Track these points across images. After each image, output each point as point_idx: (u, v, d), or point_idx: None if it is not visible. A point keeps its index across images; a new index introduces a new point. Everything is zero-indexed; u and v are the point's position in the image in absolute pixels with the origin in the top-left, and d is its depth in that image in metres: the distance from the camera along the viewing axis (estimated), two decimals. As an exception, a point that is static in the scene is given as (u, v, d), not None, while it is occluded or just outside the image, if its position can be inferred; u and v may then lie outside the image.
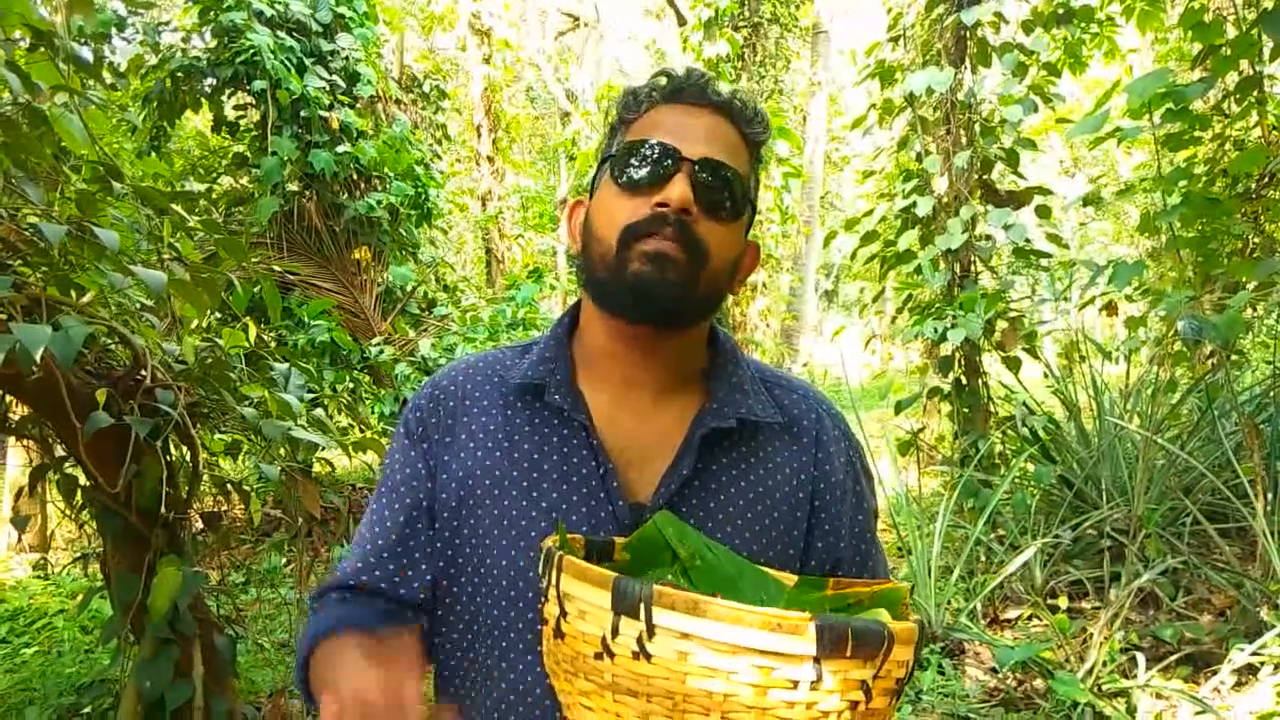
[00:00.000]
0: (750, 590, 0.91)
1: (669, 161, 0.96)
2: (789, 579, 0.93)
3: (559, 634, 0.76)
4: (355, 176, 6.33)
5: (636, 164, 0.97)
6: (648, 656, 0.68)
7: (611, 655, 0.70)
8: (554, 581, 0.76)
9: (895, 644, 0.68)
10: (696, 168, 0.96)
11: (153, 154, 6.07)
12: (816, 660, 0.66)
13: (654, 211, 0.94)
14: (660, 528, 0.92)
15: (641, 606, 0.68)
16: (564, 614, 0.75)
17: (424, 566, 1.04)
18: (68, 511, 2.46)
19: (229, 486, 2.64)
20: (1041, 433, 5.03)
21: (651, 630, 0.68)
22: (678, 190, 0.94)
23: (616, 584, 0.69)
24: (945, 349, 5.23)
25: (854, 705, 0.69)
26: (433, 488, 1.04)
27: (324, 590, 1.07)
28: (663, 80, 1.03)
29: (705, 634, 0.66)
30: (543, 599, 0.79)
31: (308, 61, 5.93)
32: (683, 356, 1.05)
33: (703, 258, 0.95)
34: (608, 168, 1.01)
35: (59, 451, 2.43)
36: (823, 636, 0.66)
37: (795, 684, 0.67)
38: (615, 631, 0.70)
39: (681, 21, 7.39)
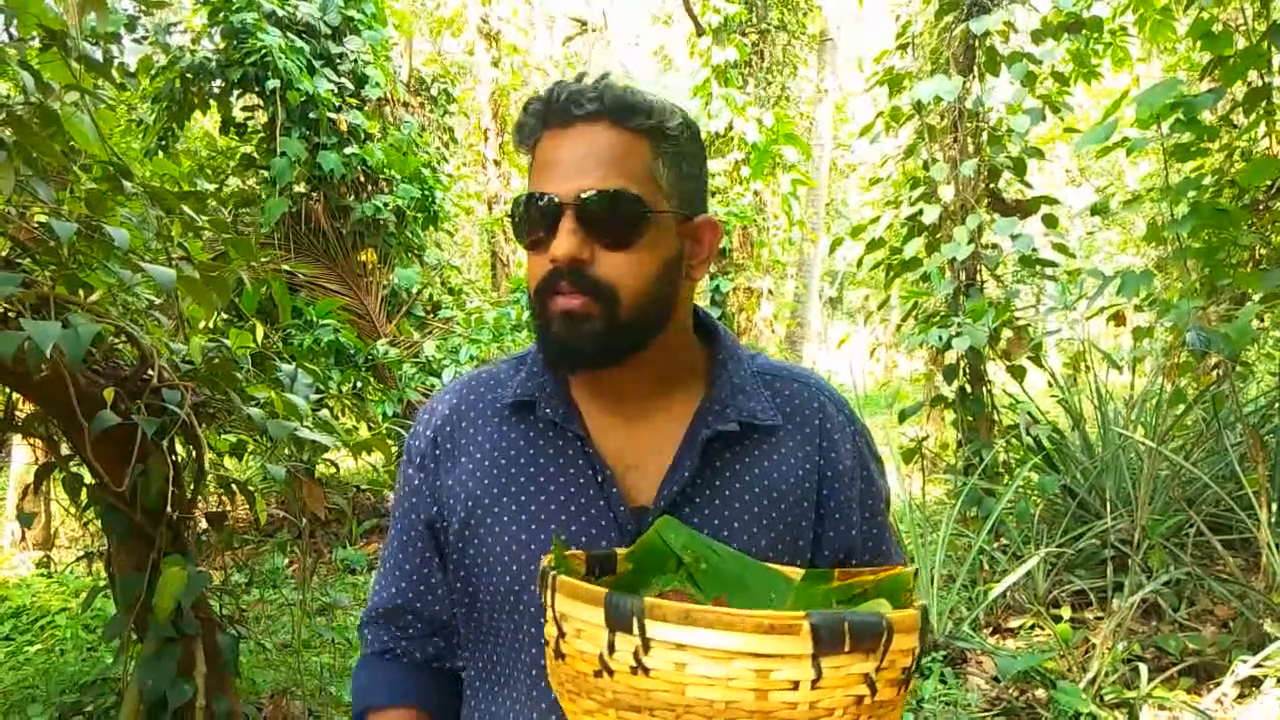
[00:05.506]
0: (758, 588, 0.90)
1: (549, 212, 0.93)
2: (796, 573, 0.92)
3: (559, 655, 0.76)
4: (362, 178, 6.35)
5: (525, 223, 0.96)
6: (645, 671, 0.68)
7: (610, 672, 0.70)
8: (550, 602, 0.75)
9: (895, 633, 0.68)
10: (577, 208, 0.91)
11: (160, 154, 6.09)
12: (815, 658, 0.66)
13: (551, 269, 0.93)
14: (661, 533, 0.90)
15: (635, 621, 0.67)
16: (562, 634, 0.74)
17: (446, 585, 1.08)
18: (72, 510, 2.46)
19: (234, 486, 2.63)
20: (1045, 442, 5.01)
21: (647, 644, 0.67)
22: (560, 247, 0.91)
23: (609, 600, 0.69)
24: (950, 357, 5.22)
25: (859, 700, 0.68)
26: (438, 511, 1.05)
27: (369, 618, 1.14)
28: (537, 106, 0.97)
29: (700, 643, 0.66)
30: (543, 619, 0.79)
31: (316, 64, 5.95)
32: (665, 361, 1.02)
33: (611, 296, 0.92)
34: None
35: (65, 450, 2.42)
36: (818, 634, 0.65)
37: (795, 684, 0.66)
38: (612, 648, 0.69)
39: (701, 31, 7.33)
